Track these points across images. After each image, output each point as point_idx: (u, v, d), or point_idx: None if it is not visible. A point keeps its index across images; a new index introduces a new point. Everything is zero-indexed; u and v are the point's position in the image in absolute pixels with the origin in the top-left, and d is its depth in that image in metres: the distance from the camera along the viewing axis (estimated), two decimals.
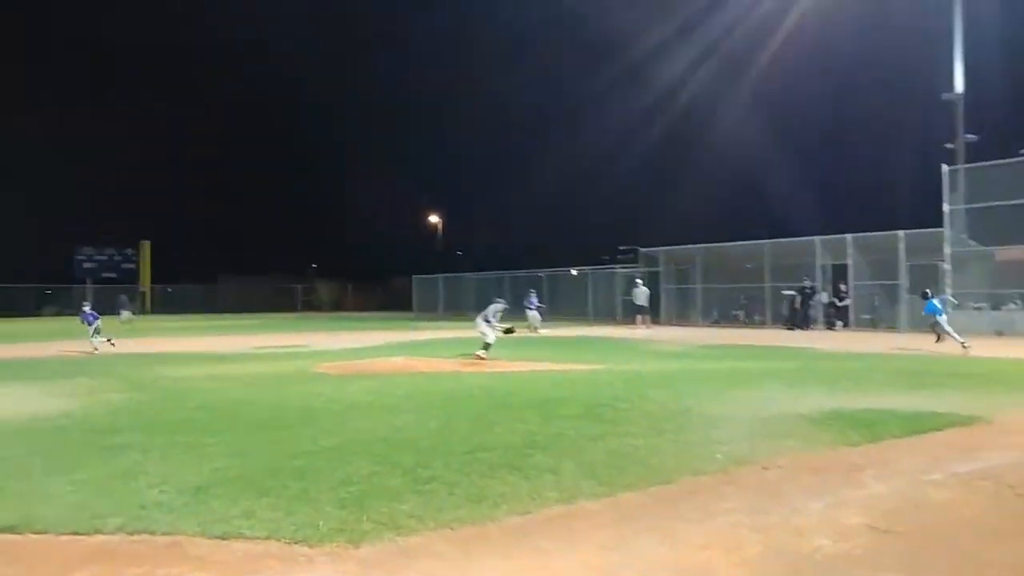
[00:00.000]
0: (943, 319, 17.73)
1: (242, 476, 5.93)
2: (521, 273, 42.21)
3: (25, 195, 79.83)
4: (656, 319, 31.32)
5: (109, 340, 19.81)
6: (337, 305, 62.79)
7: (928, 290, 18.90)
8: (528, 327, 27.10)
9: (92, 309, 20.29)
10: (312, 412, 9.15)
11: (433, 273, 51.42)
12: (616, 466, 6.23)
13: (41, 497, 5.39)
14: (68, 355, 18.62)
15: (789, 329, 27.74)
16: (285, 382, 12.32)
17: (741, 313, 32.30)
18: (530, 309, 27.85)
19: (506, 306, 17.47)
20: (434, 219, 63.47)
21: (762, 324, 30.08)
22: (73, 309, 54.62)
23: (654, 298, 31.44)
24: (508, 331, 17.07)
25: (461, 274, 49.68)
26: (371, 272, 69.05)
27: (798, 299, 28.24)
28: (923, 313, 18.52)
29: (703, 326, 31.16)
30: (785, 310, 29.34)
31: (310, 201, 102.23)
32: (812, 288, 28.18)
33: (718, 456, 6.63)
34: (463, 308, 45.01)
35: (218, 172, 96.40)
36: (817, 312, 28.55)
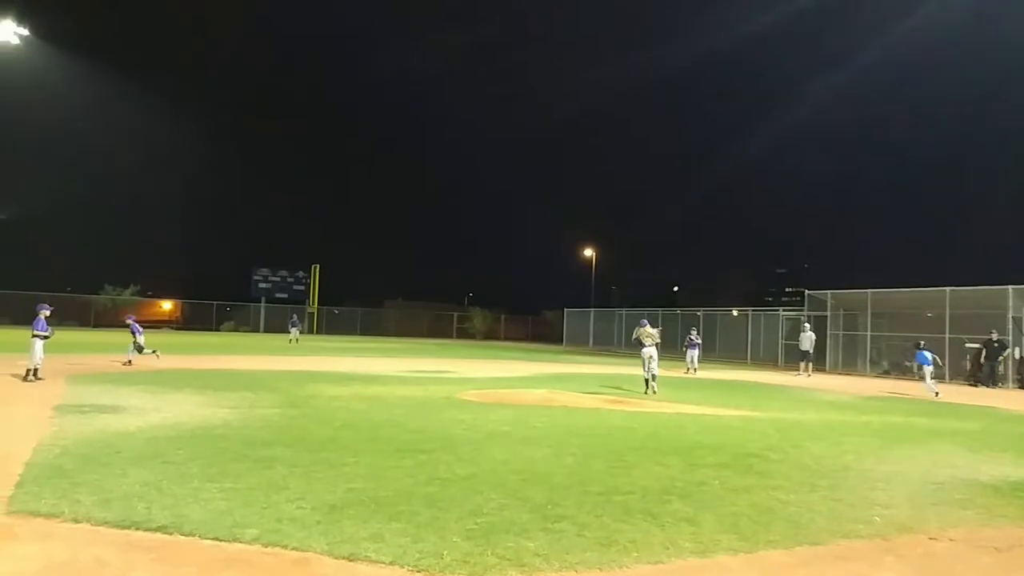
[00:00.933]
0: (929, 369, 20.40)
1: (375, 498, 6.00)
2: (677, 310, 41.19)
3: (213, 220, 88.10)
4: (820, 367, 29.43)
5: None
6: (490, 334, 63.95)
7: (921, 342, 21.66)
8: (687, 368, 26.25)
9: (136, 322, 20.28)
10: (451, 439, 9.21)
11: (585, 307, 51.31)
12: (761, 521, 5.77)
13: (193, 501, 5.70)
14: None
15: (972, 385, 25.23)
16: (429, 407, 12.55)
17: (915, 364, 29.68)
18: (691, 348, 26.93)
19: (647, 326, 17.00)
20: (588, 253, 63.44)
21: (940, 378, 27.51)
22: (249, 326, 59.22)
23: (819, 344, 29.55)
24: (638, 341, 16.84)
25: (612, 308, 49.23)
26: (524, 303, 70.20)
27: (983, 353, 25.62)
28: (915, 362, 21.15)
29: (871, 376, 28.97)
30: (968, 364, 26.71)
31: (472, 233, 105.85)
32: (1000, 341, 25.50)
33: (876, 519, 6.00)
34: (613, 343, 44.50)
35: (387, 204, 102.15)
36: (1006, 368, 25.76)
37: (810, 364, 27.78)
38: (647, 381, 16.40)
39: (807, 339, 27.92)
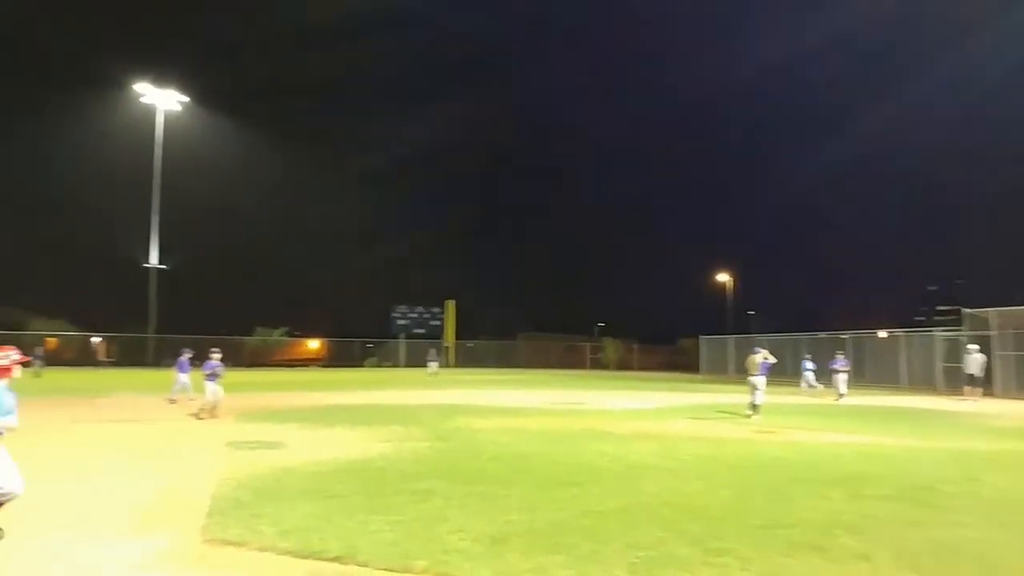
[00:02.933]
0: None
1: (533, 530, 6.08)
2: (822, 334, 39.28)
3: (356, 261, 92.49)
4: (988, 391, 27.14)
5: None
6: (623, 364, 63.28)
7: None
8: (837, 395, 24.96)
9: (189, 360, 20.25)
10: (598, 471, 9.19)
11: (723, 334, 49.87)
12: (945, 560, 5.40)
13: (362, 533, 5.97)
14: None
15: None
16: (571, 439, 12.56)
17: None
18: (837, 372, 25.60)
19: (761, 354, 16.77)
20: (723, 278, 61.84)
21: None
22: (391, 361, 61.42)
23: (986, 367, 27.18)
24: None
25: (753, 335, 47.58)
26: (658, 332, 68.91)
27: None
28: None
29: None
30: None
31: (603, 263, 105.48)
32: None
33: None
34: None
35: (516, 238, 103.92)
36: None
37: (978, 388, 25.67)
38: (753, 405, 16.56)
39: (974, 362, 25.80)
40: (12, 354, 5.72)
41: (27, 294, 59.36)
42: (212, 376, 15.66)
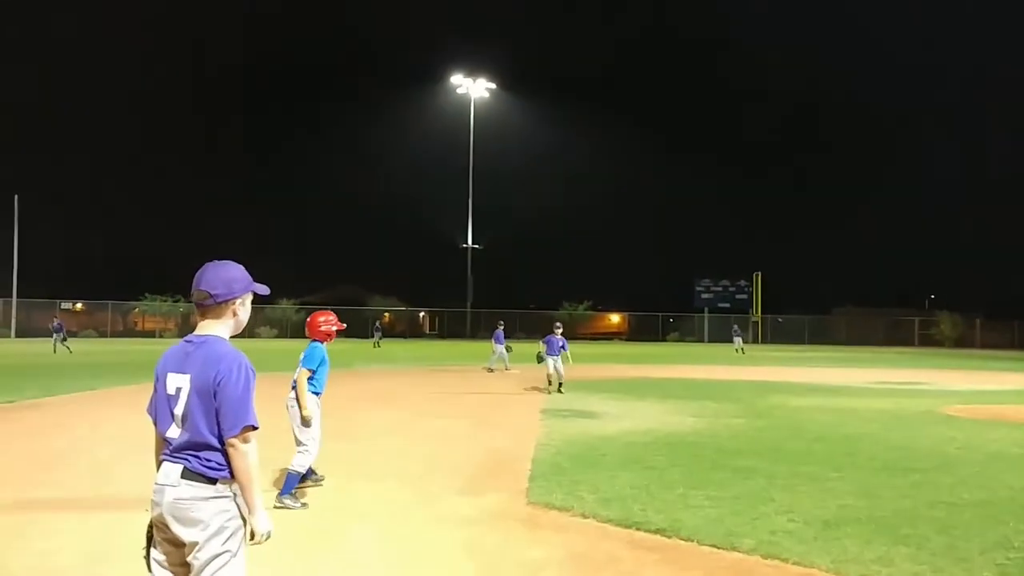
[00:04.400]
0: None
1: (872, 518, 5.53)
2: None
3: (653, 235, 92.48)
4: None
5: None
6: (961, 341, 55.73)
7: None
8: None
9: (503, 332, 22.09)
10: (945, 458, 8.13)
11: None
12: None
13: (684, 507, 5.86)
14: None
15: None
16: (908, 421, 11.30)
17: None
18: None
19: None
20: None
21: None
22: (694, 336, 60.54)
23: None
24: None
25: None
26: (1007, 304, 59.42)
27: None
28: None
29: None
30: None
31: (929, 225, 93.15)
32: None
33: None
34: None
35: (830, 205, 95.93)
36: None
37: None
38: None
39: None
40: (333, 319, 6.27)
41: (365, 274, 68.32)
42: (553, 352, 15.55)
